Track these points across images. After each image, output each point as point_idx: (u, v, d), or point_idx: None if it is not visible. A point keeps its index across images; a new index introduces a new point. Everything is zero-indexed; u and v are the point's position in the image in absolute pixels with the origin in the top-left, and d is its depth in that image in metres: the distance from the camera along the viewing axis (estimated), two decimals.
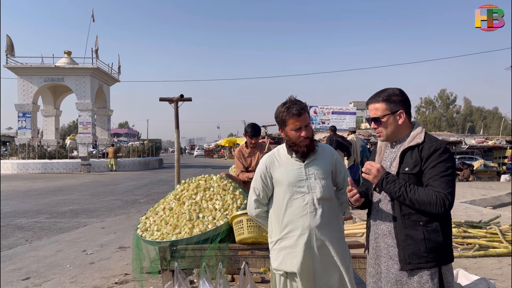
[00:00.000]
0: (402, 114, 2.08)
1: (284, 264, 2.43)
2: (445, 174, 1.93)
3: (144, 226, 3.52)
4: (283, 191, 2.45)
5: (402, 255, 1.99)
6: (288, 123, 2.41)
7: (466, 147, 22.65)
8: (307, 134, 2.39)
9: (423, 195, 1.92)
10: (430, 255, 1.95)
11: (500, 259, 5.42)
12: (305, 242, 2.37)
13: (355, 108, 38.06)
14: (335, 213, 2.47)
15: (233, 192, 3.60)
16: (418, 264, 1.96)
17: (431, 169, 1.95)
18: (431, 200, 1.90)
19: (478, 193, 13.50)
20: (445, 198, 1.89)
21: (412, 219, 1.98)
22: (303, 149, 2.41)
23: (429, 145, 1.99)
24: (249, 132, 4.32)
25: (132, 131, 66.03)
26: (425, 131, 2.08)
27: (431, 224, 1.96)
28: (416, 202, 1.93)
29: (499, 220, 7.05)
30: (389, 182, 1.98)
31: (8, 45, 28.71)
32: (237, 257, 3.15)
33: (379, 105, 2.10)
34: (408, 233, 1.98)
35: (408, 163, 2.02)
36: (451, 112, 65.35)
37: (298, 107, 2.38)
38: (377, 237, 2.13)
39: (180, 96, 6.22)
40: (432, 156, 1.96)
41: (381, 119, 2.10)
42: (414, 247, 1.97)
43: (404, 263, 1.99)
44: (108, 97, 33.90)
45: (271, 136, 27.83)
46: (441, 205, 1.89)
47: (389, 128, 2.10)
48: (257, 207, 2.59)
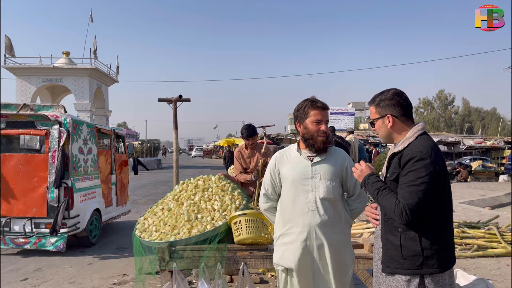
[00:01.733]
0: (390, 118, 2.05)
1: (283, 259, 2.47)
2: (412, 183, 1.87)
3: (143, 227, 3.51)
4: (288, 187, 2.49)
5: (384, 257, 2.03)
6: (310, 115, 2.45)
7: (464, 147, 22.68)
8: (326, 129, 2.45)
9: (386, 201, 1.93)
10: (406, 262, 1.93)
11: (499, 259, 5.43)
12: (303, 239, 2.39)
13: (354, 109, 38.12)
14: (339, 215, 2.47)
15: (232, 192, 3.60)
16: (395, 269, 1.96)
17: (403, 177, 1.94)
18: (391, 207, 1.91)
19: (477, 193, 13.52)
20: (403, 208, 1.86)
21: (393, 225, 1.98)
22: (319, 144, 2.43)
23: (407, 152, 1.94)
24: (244, 134, 4.34)
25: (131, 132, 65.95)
26: (418, 135, 2.00)
27: (409, 232, 1.93)
28: (383, 207, 1.96)
29: (498, 221, 7.06)
30: (369, 183, 2.03)
31: (7, 45, 28.66)
32: (235, 257, 3.15)
33: (372, 108, 2.14)
34: (388, 238, 2.00)
35: (390, 169, 2.03)
36: (449, 113, 65.44)
37: (322, 102, 2.49)
38: (375, 237, 2.17)
39: (178, 96, 6.22)
40: (407, 164, 1.92)
41: (374, 122, 2.12)
42: (392, 252, 1.98)
43: (384, 265, 2.02)
44: (106, 98, 33.87)
45: (270, 137, 27.84)
46: (399, 214, 1.88)
47: (380, 132, 2.12)
48: (265, 201, 2.65)
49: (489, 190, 14.60)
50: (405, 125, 2.06)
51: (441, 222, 1.96)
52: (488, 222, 6.85)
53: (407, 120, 2.07)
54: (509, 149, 22.27)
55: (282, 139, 29.19)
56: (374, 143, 23.00)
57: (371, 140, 23.83)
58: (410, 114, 2.08)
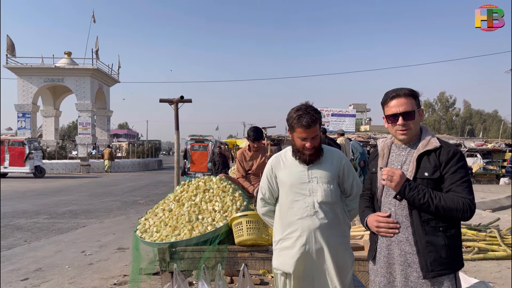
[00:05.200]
0: (422, 112, 2.05)
1: (282, 264, 2.46)
2: (466, 179, 1.91)
3: (144, 227, 3.51)
4: (285, 192, 2.47)
5: (424, 262, 1.91)
6: (296, 130, 2.40)
7: (465, 150, 22.66)
8: (312, 145, 2.37)
9: (449, 201, 1.87)
10: (451, 262, 1.92)
11: (499, 262, 5.42)
12: (302, 244, 2.38)
13: (355, 111, 38.15)
14: (338, 218, 2.46)
15: (233, 193, 3.60)
16: (440, 271, 1.90)
17: (452, 174, 1.91)
18: (457, 206, 1.87)
19: (477, 195, 13.47)
20: (470, 203, 1.87)
21: (431, 225, 1.92)
22: (305, 157, 2.42)
23: (447, 149, 1.94)
24: (251, 136, 4.33)
25: (132, 132, 65.93)
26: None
27: (451, 230, 1.93)
28: (442, 208, 1.87)
29: (498, 223, 7.04)
30: (412, 189, 1.90)
31: (8, 45, 28.71)
32: (236, 259, 3.15)
33: (408, 100, 2.00)
34: (429, 240, 1.91)
35: (427, 168, 1.94)
36: (450, 115, 65.36)
37: (308, 120, 2.32)
38: (390, 244, 2.01)
39: (180, 97, 6.22)
40: (451, 160, 1.91)
41: (415, 113, 1.99)
42: (436, 254, 1.90)
43: (426, 271, 1.91)
44: (108, 98, 33.92)
45: (271, 138, 27.82)
46: (467, 210, 1.87)
47: (415, 126, 2.02)
48: (263, 206, 2.64)
49: (490, 193, 14.58)
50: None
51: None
52: (489, 225, 6.84)
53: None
54: (510, 152, 22.24)
55: (283, 140, 29.17)
56: (374, 145, 22.94)
57: (371, 142, 23.79)
58: None
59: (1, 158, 20.20)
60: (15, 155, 20.46)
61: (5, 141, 20.68)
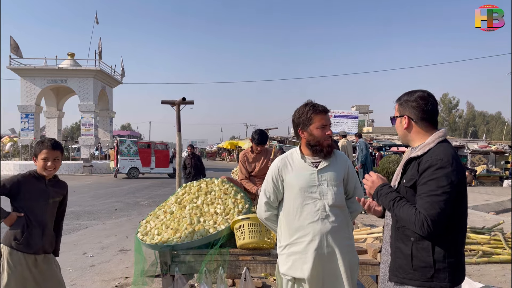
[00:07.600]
0: (406, 120, 1.98)
1: (293, 269, 2.39)
2: (433, 193, 1.78)
3: (145, 230, 3.49)
4: (294, 195, 2.42)
5: (392, 266, 1.96)
6: (314, 120, 2.39)
7: (468, 151, 22.59)
8: (331, 132, 2.43)
9: (405, 212, 1.83)
10: (415, 273, 1.85)
11: (504, 266, 5.36)
12: (315, 248, 2.34)
13: (357, 112, 38.08)
14: (345, 221, 2.44)
15: (235, 196, 3.57)
16: (403, 279, 1.89)
17: (422, 186, 1.83)
18: (410, 218, 1.81)
19: (481, 198, 13.43)
20: (424, 219, 1.76)
21: (405, 233, 1.89)
22: (327, 148, 2.40)
23: (426, 159, 1.84)
24: (256, 140, 4.30)
25: (135, 133, 66.11)
26: (439, 142, 1.90)
27: (422, 242, 1.84)
28: (400, 218, 1.87)
29: (503, 226, 6.99)
30: (382, 194, 1.95)
31: (13, 46, 28.83)
32: (238, 262, 3.13)
33: (396, 105, 2.08)
34: (398, 246, 1.92)
35: (407, 175, 1.93)
36: (453, 117, 65.29)
37: (323, 106, 2.44)
38: (383, 243, 2.12)
39: (182, 99, 6.22)
40: (426, 171, 1.82)
41: (395, 119, 2.06)
42: (401, 261, 1.89)
43: (391, 274, 1.95)
44: (110, 99, 34.01)
45: (273, 139, 27.80)
46: (420, 226, 1.77)
47: (397, 130, 2.07)
48: (267, 210, 2.56)
49: (494, 195, 14.49)
50: (424, 130, 1.97)
51: (457, 234, 1.88)
52: (493, 228, 6.78)
53: (428, 126, 1.97)
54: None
55: (285, 142, 29.16)
56: (377, 147, 22.91)
57: (374, 144, 23.74)
58: (432, 119, 1.98)
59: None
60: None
61: None
